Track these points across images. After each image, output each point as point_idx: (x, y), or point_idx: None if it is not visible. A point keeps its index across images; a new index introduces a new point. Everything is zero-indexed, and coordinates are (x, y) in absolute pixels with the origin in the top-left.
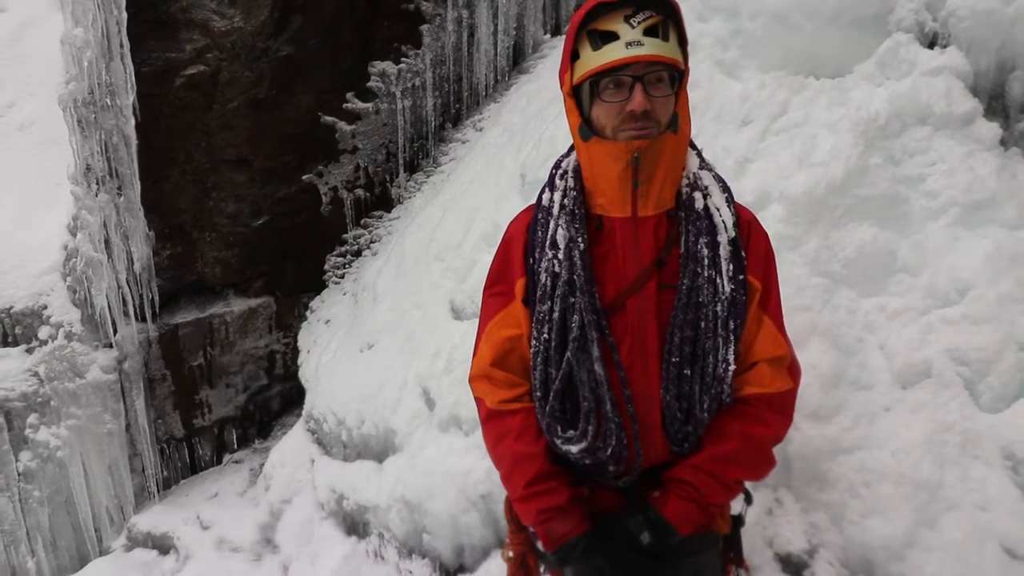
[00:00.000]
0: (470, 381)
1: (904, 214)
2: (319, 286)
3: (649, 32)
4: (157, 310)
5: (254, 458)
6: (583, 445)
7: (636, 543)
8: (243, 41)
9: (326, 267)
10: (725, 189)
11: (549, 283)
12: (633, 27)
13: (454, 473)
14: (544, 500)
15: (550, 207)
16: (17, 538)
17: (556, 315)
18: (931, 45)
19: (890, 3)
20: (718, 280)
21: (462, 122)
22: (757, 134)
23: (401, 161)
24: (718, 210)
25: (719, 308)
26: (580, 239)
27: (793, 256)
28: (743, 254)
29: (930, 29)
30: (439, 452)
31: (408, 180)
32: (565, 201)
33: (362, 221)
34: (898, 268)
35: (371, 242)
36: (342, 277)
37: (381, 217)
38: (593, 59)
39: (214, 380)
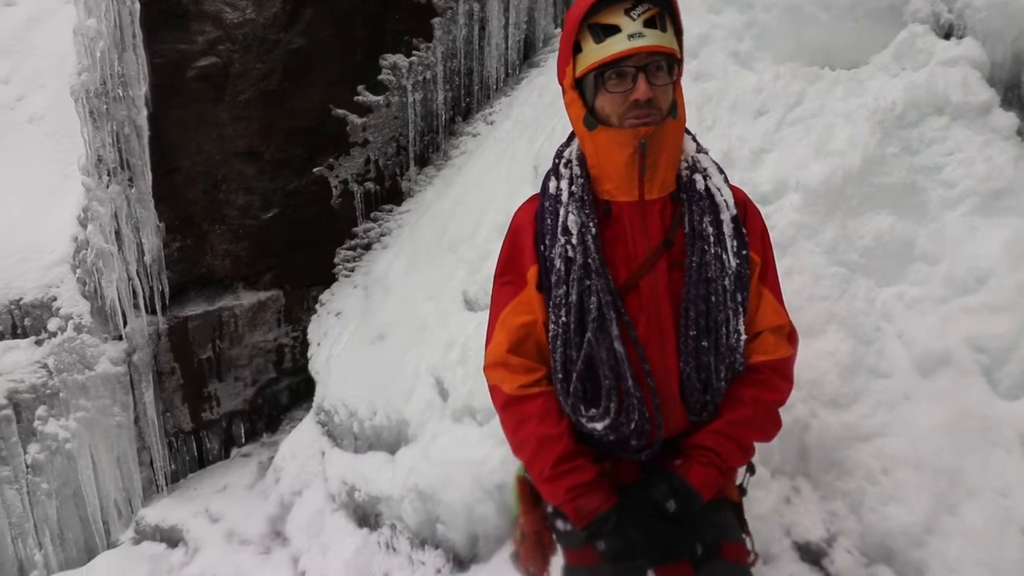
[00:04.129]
0: (485, 369)
1: (922, 203)
2: (329, 279)
3: (648, 24)
4: (167, 302)
5: (262, 452)
6: (607, 422)
7: (662, 511)
8: (255, 33)
9: (336, 260)
10: (721, 171)
11: (564, 268)
12: (634, 19)
13: (468, 462)
14: (573, 478)
15: (558, 195)
16: (25, 531)
17: (573, 298)
18: (947, 36)
19: None
20: (724, 256)
21: (473, 115)
22: (773, 124)
23: (412, 154)
24: (719, 190)
25: (727, 282)
26: (592, 224)
27: (810, 245)
28: (744, 231)
29: (946, 20)
30: (453, 442)
31: (418, 173)
32: (573, 188)
33: (372, 214)
34: (916, 257)
35: (381, 235)
36: (352, 270)
37: (391, 211)
38: (597, 52)
39: (223, 373)
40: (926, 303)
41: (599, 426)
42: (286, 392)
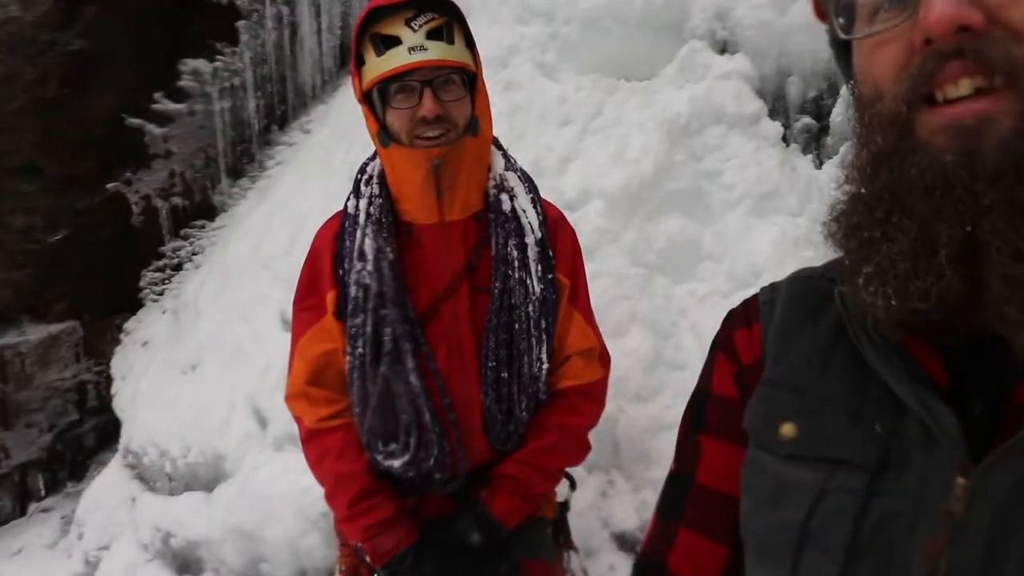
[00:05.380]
0: (287, 400)
1: (706, 206)
2: (135, 305)
3: (432, 35)
4: None
5: (66, 504)
6: (405, 458)
7: (467, 544)
8: (22, 33)
9: (142, 284)
10: (531, 189)
11: (361, 295)
12: (415, 31)
13: (291, 493)
14: (368, 517)
15: (356, 215)
16: None
17: (369, 328)
18: (722, 51)
19: (686, 12)
20: (528, 281)
21: (289, 124)
22: (576, 134)
23: (223, 166)
24: (524, 212)
25: (531, 309)
26: (389, 249)
27: (613, 248)
28: (551, 253)
29: (721, 37)
30: (274, 473)
31: (232, 186)
32: (371, 209)
33: (182, 232)
34: (704, 256)
35: (193, 254)
36: (161, 294)
37: (203, 227)
38: (378, 65)
39: (11, 420)
40: (713, 297)
41: (396, 463)
42: (92, 434)
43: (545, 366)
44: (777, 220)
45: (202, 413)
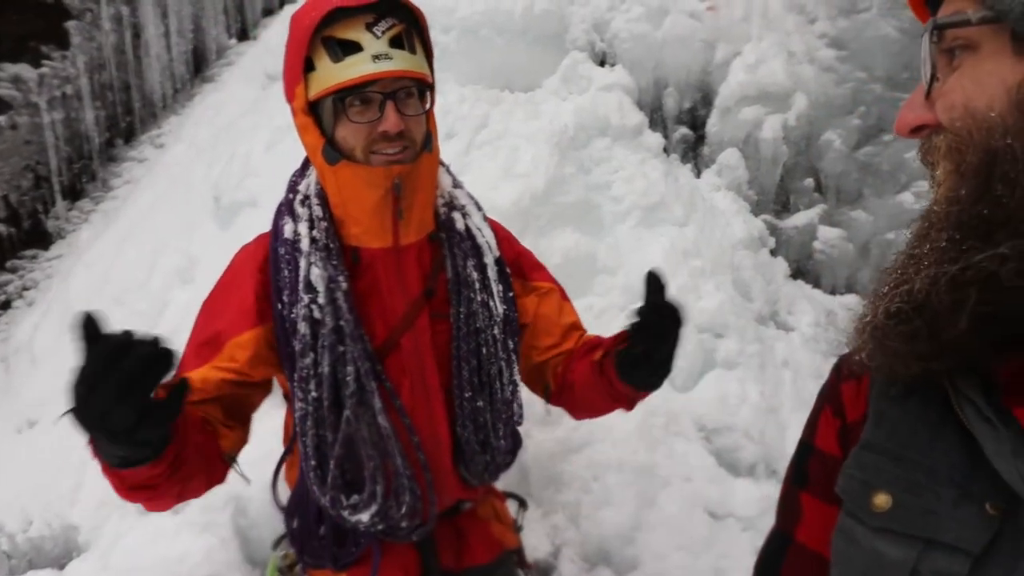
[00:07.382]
0: None
1: (598, 219)
2: None
3: (395, 43)
4: None
5: None
6: (373, 509)
7: None
8: None
9: None
10: (479, 207)
11: (309, 332)
12: (378, 37)
13: (165, 561)
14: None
15: (296, 241)
16: None
17: (325, 369)
18: (603, 63)
19: (566, 23)
20: (491, 303)
21: (137, 138)
22: (463, 147)
23: (57, 186)
24: (480, 230)
25: (496, 331)
26: (341, 278)
27: None
28: (508, 271)
29: (600, 49)
30: (142, 540)
31: (70, 209)
32: (315, 234)
33: (8, 264)
34: (599, 269)
35: (24, 289)
36: None
37: (35, 257)
38: (335, 73)
39: None
40: (610, 312)
41: (365, 517)
42: None
43: (518, 388)
44: (665, 231)
45: (46, 477)
